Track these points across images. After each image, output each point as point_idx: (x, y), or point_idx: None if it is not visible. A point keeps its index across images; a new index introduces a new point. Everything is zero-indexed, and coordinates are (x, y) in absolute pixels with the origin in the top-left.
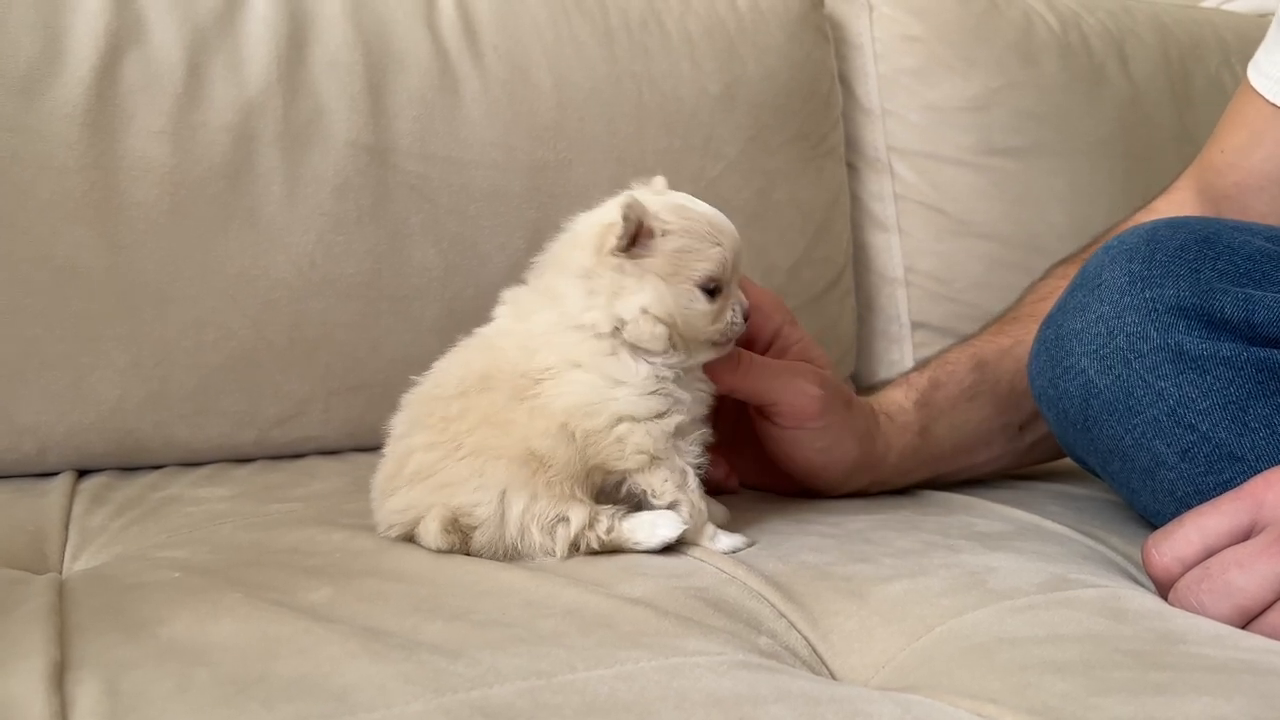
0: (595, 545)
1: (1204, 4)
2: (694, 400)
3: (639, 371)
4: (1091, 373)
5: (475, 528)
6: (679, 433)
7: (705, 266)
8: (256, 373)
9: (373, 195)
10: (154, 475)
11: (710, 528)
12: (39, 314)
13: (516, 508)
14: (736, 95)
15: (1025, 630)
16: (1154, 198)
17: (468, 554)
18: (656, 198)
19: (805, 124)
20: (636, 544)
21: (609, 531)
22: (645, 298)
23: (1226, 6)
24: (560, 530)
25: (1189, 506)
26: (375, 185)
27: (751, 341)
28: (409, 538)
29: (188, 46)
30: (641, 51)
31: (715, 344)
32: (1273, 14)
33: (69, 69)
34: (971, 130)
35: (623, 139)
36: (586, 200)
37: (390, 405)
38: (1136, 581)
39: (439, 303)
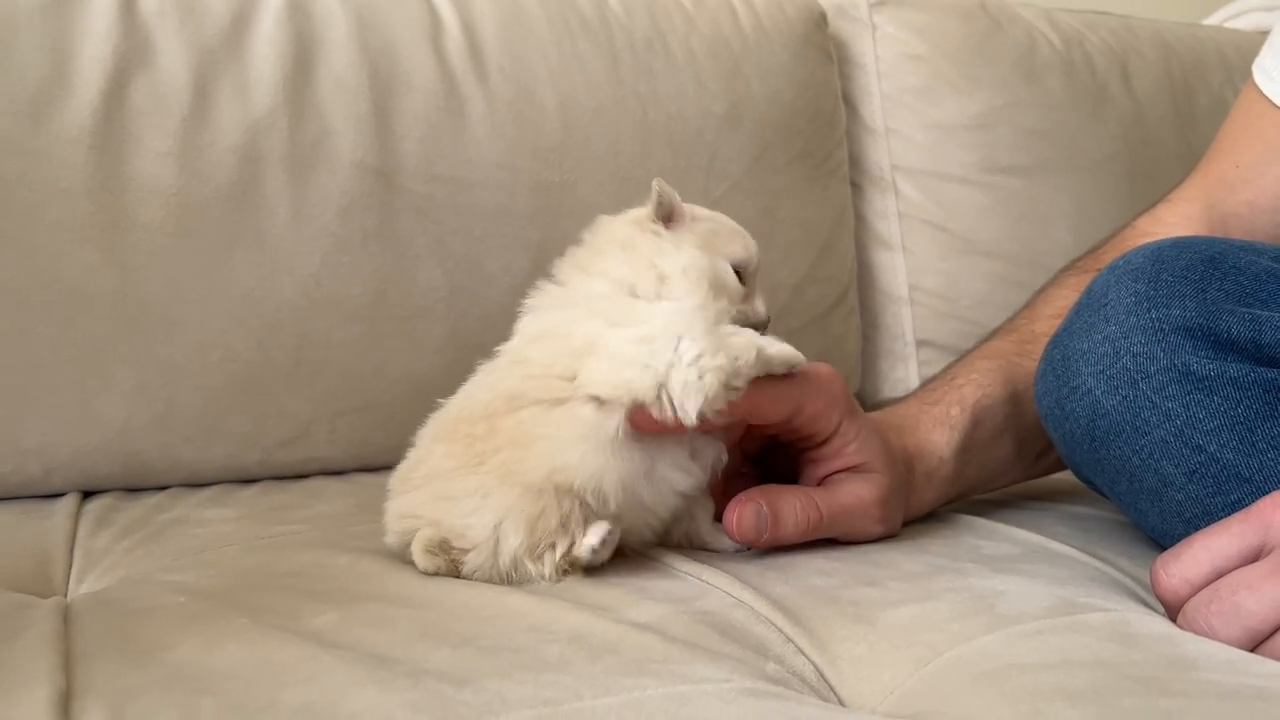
0: (566, 566)
1: (1207, 22)
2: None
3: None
4: (1098, 393)
5: (466, 551)
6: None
7: (735, 249)
8: (262, 394)
9: (378, 216)
10: (159, 496)
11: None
12: (46, 336)
13: (511, 541)
14: (741, 115)
15: (1034, 656)
16: (1157, 202)
17: (458, 577)
18: None
19: (809, 143)
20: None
21: (571, 547)
22: (684, 259)
23: (1230, 24)
24: (548, 556)
25: (1197, 528)
26: (381, 206)
27: (810, 435)
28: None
29: (194, 68)
30: (646, 72)
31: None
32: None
33: (76, 92)
34: (975, 148)
35: (627, 159)
36: (591, 220)
37: (395, 426)
38: (1145, 604)
39: (444, 323)
